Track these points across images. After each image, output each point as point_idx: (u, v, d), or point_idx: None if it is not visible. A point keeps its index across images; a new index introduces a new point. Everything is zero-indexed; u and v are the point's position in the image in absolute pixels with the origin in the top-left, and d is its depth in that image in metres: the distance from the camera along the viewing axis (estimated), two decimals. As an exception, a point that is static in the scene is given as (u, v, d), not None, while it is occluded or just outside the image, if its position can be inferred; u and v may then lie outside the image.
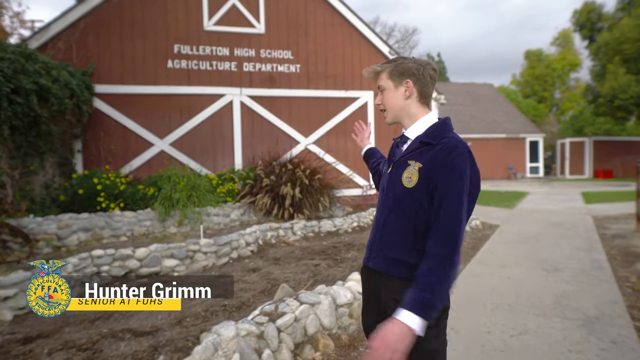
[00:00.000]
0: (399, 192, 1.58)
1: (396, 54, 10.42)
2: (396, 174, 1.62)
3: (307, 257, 5.61)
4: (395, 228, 1.59)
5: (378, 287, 1.64)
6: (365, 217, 8.02)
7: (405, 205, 1.56)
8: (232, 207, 7.97)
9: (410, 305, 1.39)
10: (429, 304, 1.39)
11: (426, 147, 1.57)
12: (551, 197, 13.25)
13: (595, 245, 6.62)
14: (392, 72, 1.66)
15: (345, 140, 10.18)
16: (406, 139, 1.68)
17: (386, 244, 1.62)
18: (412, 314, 1.37)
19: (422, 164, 1.54)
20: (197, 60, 9.22)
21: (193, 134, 9.22)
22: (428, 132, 1.62)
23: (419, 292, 1.40)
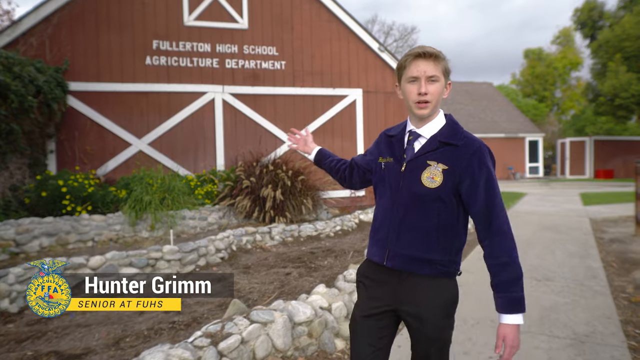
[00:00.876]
0: (418, 192, 1.58)
1: (386, 50, 10.04)
2: (412, 174, 1.60)
3: (279, 265, 5.23)
4: (415, 227, 1.60)
5: (395, 284, 1.64)
6: (349, 220, 7.64)
7: (426, 204, 1.58)
8: (210, 210, 7.60)
9: (510, 308, 1.55)
10: (520, 298, 1.56)
11: (447, 147, 1.58)
12: (549, 199, 12.85)
13: (591, 251, 6.22)
14: (446, 68, 1.62)
15: (332, 139, 9.81)
16: (418, 135, 1.65)
17: (406, 243, 1.61)
18: (515, 315, 1.55)
19: (446, 165, 1.56)
20: (177, 56, 8.86)
21: (173, 134, 8.85)
22: (444, 132, 1.62)
23: (509, 294, 1.56)
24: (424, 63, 1.57)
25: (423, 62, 1.57)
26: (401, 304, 1.63)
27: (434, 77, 1.57)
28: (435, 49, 1.60)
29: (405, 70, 1.61)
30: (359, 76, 9.98)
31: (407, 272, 1.62)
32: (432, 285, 1.60)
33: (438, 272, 1.61)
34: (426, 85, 1.57)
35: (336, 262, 5.36)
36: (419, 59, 1.57)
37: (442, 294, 1.61)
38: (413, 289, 1.61)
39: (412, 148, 1.66)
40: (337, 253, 5.84)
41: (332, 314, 3.46)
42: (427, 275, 1.60)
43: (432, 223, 1.58)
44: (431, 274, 1.60)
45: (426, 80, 1.57)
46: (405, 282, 1.62)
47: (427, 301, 1.59)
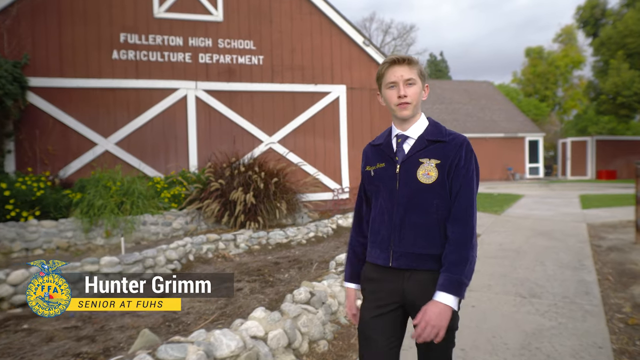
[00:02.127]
0: (415, 189, 1.65)
1: (371, 44, 9.48)
2: (407, 173, 1.67)
3: (235, 278, 4.68)
4: (416, 224, 1.64)
5: (400, 282, 1.68)
6: (326, 226, 7.08)
7: (425, 201, 1.64)
8: (176, 215, 7.06)
9: (444, 287, 1.56)
10: (459, 282, 1.56)
11: (436, 144, 1.67)
12: (546, 201, 12.25)
13: (586, 262, 5.64)
14: (422, 72, 1.71)
15: (314, 139, 9.25)
16: (406, 137, 1.73)
17: (409, 241, 1.65)
18: (447, 295, 1.55)
19: (439, 160, 1.64)
20: (147, 50, 8.32)
21: (142, 133, 8.32)
22: (430, 131, 1.72)
23: (449, 274, 1.56)
24: (399, 68, 1.66)
25: (398, 67, 1.67)
26: (408, 300, 1.67)
27: (410, 80, 1.66)
28: (408, 55, 1.70)
29: (384, 78, 1.71)
30: (342, 72, 9.42)
31: (411, 269, 1.66)
32: (436, 280, 1.61)
33: (442, 265, 1.63)
34: (404, 88, 1.65)
35: (298, 275, 4.81)
36: (395, 65, 1.67)
37: None
38: (419, 285, 1.65)
39: (402, 150, 1.72)
40: (303, 264, 5.28)
41: (268, 344, 2.91)
42: (431, 270, 1.64)
43: (432, 219, 1.63)
44: (435, 268, 1.63)
45: (404, 84, 1.66)
46: (410, 279, 1.66)
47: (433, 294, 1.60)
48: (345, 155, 9.43)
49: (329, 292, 3.73)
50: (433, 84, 28.74)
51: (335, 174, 9.41)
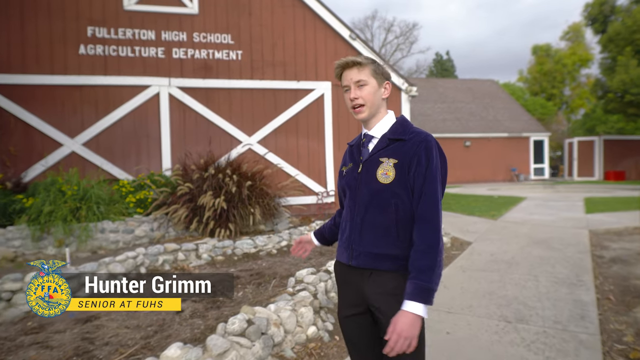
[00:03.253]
0: (375, 189, 1.65)
1: (358, 38, 8.90)
2: (368, 173, 1.68)
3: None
4: (375, 224, 1.65)
5: (361, 282, 1.69)
6: (301, 233, 6.51)
7: (384, 200, 1.64)
8: (140, 221, 6.53)
9: (413, 295, 1.52)
10: (428, 289, 1.52)
11: (396, 143, 1.67)
12: (548, 204, 11.59)
13: (584, 277, 5.03)
14: (376, 71, 1.70)
15: (297, 139, 8.69)
16: (371, 137, 1.75)
17: (368, 240, 1.66)
18: (416, 303, 1.51)
19: (396, 159, 1.64)
20: (116, 45, 7.81)
21: (112, 133, 7.80)
22: (394, 129, 1.71)
23: (417, 282, 1.53)
24: (348, 72, 1.69)
25: (347, 71, 1.69)
26: (369, 301, 1.66)
27: (361, 82, 1.67)
28: (357, 57, 1.69)
29: (341, 83, 1.73)
30: (327, 67, 8.85)
31: (370, 269, 1.66)
32: (393, 280, 1.62)
33: (399, 266, 1.62)
34: (355, 91, 1.68)
35: (254, 293, 4.25)
36: (345, 70, 1.70)
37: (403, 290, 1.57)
38: (376, 285, 1.64)
39: (366, 150, 1.75)
40: (265, 279, 4.72)
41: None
42: (389, 271, 1.63)
43: (391, 219, 1.63)
44: (392, 269, 1.63)
45: (355, 86, 1.68)
46: (369, 279, 1.66)
47: (392, 297, 1.60)
48: (330, 157, 8.86)
49: (274, 320, 3.17)
50: (435, 83, 28.08)
51: (320, 176, 8.84)
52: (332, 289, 4.21)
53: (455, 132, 23.45)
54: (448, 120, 24.43)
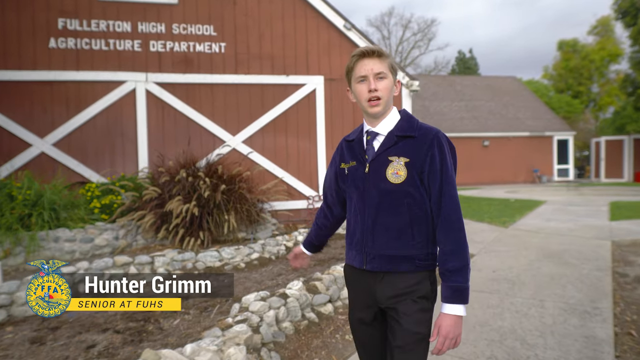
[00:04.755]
0: (385, 190, 1.59)
1: (353, 28, 8.15)
2: (377, 173, 1.61)
3: (100, 327, 3.48)
4: (388, 225, 1.60)
5: (372, 285, 1.66)
6: (279, 243, 5.82)
7: (395, 201, 1.59)
8: (102, 229, 5.95)
9: (451, 298, 1.54)
10: (463, 289, 1.54)
11: (405, 140, 1.61)
12: (568, 210, 10.57)
13: (602, 303, 4.17)
14: (393, 66, 1.64)
15: (286, 138, 8.00)
16: (376, 134, 1.67)
17: (382, 243, 1.61)
18: (456, 305, 1.54)
19: (407, 158, 1.58)
20: (89, 38, 7.27)
21: (84, 132, 7.27)
22: (401, 126, 1.64)
23: (452, 284, 1.54)
24: (369, 61, 1.59)
25: (368, 60, 1.59)
26: (382, 302, 1.64)
27: (381, 74, 1.59)
28: (378, 47, 1.62)
29: (353, 72, 1.63)
30: (319, 60, 8.13)
31: (384, 272, 1.62)
32: (410, 280, 1.60)
33: (416, 267, 1.60)
34: (375, 82, 1.59)
35: (192, 321, 3.58)
36: (364, 58, 1.59)
37: (419, 288, 1.60)
38: (392, 286, 1.61)
39: (372, 147, 1.66)
40: (216, 301, 4.05)
41: None
42: (407, 273, 1.60)
43: (404, 219, 1.59)
44: (408, 270, 1.60)
45: (374, 78, 1.59)
46: (383, 281, 1.63)
47: (405, 296, 1.59)
48: (322, 157, 8.14)
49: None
50: (452, 80, 27.01)
51: (312, 179, 8.12)
52: (286, 317, 3.50)
53: (473, 131, 22.37)
54: (465, 119, 23.36)
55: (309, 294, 3.93)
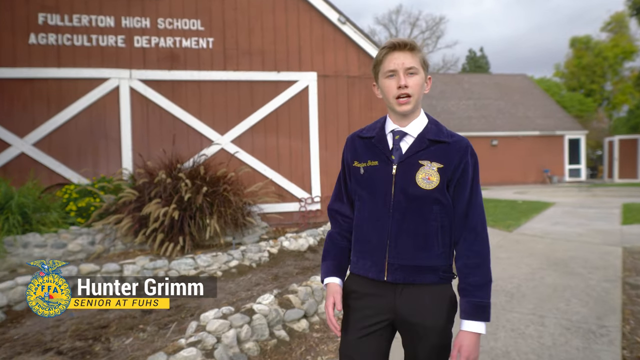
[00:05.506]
0: (414, 195, 1.49)
1: (348, 22, 7.75)
2: (406, 176, 1.50)
3: (43, 346, 3.15)
4: (415, 233, 1.49)
5: (391, 297, 1.52)
6: (263, 249, 5.45)
7: (424, 207, 1.49)
8: (76, 233, 5.64)
9: (473, 315, 1.45)
10: (486, 306, 1.46)
11: (438, 145, 1.52)
12: (578, 212, 10.06)
13: (609, 319, 3.73)
14: (425, 61, 1.53)
15: (277, 138, 7.64)
16: (404, 134, 1.55)
17: (407, 252, 1.50)
18: (478, 323, 1.45)
19: (441, 164, 1.49)
20: (71, 33, 6.98)
21: (66, 132, 6.98)
22: (431, 130, 1.55)
23: (474, 299, 1.45)
24: (400, 55, 1.47)
25: (399, 53, 1.47)
26: (401, 315, 1.51)
27: (412, 69, 1.48)
28: (410, 40, 1.49)
29: (382, 65, 1.52)
30: (312, 56, 7.75)
31: (406, 284, 1.51)
32: (434, 293, 1.51)
33: (440, 278, 1.51)
34: (405, 78, 1.47)
35: (146, 341, 3.22)
36: (395, 51, 1.48)
37: (444, 300, 1.52)
38: (415, 300, 1.50)
39: (399, 148, 1.54)
40: (181, 316, 3.70)
41: None
42: (426, 284, 1.50)
43: (432, 227, 1.50)
44: (432, 282, 1.50)
45: (405, 73, 1.47)
46: (403, 293, 1.51)
47: (431, 309, 1.50)
48: (316, 158, 7.76)
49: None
50: (460, 79, 26.44)
51: (304, 180, 7.75)
52: (250, 336, 3.13)
53: (481, 130, 21.81)
54: (473, 118, 22.80)
55: (281, 308, 3.55)
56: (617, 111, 37.56)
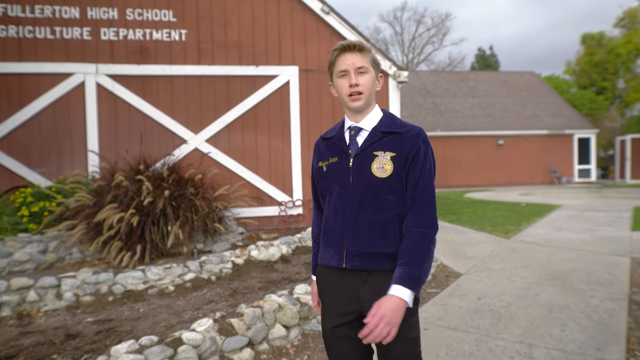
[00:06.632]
0: (370, 184, 1.57)
1: (332, 11, 7.20)
2: (361, 167, 1.58)
3: None
4: (371, 221, 1.57)
5: (355, 286, 1.59)
6: (223, 261, 4.92)
7: (380, 196, 1.56)
8: (26, 241, 5.17)
9: (401, 280, 1.45)
10: (417, 277, 1.46)
11: (391, 135, 1.60)
12: (585, 215, 9.39)
13: (610, 351, 3.13)
14: (375, 60, 1.63)
15: (255, 136, 7.11)
16: (359, 129, 1.65)
17: (364, 239, 1.57)
18: (404, 288, 1.44)
19: (394, 152, 1.56)
20: (33, 25, 6.52)
21: (27, 130, 6.53)
22: (385, 122, 1.64)
23: (407, 268, 1.47)
24: (350, 55, 1.57)
25: (350, 54, 1.58)
26: (364, 307, 1.56)
27: (362, 69, 1.58)
28: (359, 41, 1.60)
29: (335, 66, 1.61)
30: (294, 49, 7.21)
31: (368, 271, 1.57)
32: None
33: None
34: (356, 77, 1.57)
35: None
36: (346, 52, 1.58)
37: None
38: (377, 289, 1.53)
39: (355, 142, 1.63)
40: (105, 344, 3.18)
41: None
42: (388, 271, 1.54)
43: (388, 215, 1.56)
44: (392, 269, 1.54)
45: (355, 72, 1.57)
46: (367, 282, 1.57)
47: None
48: (297, 159, 7.22)
49: None
50: (465, 76, 25.73)
51: (285, 182, 7.21)
52: (171, 374, 2.60)
53: (487, 129, 21.10)
54: (479, 117, 22.09)
55: (220, 336, 3.03)
56: (629, 109, 36.48)
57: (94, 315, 3.79)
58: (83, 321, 3.65)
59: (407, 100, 22.77)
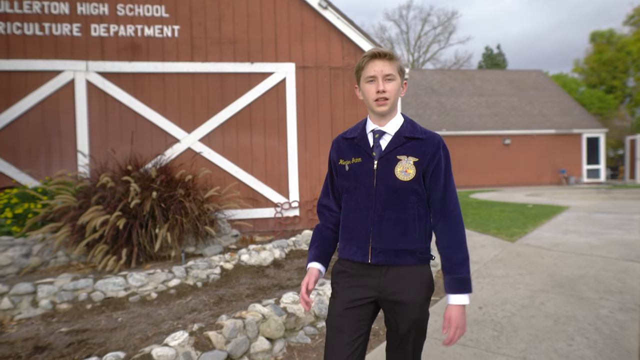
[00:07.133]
0: (393, 186, 1.67)
1: (330, 6, 6.95)
2: (386, 170, 1.68)
3: None
4: (395, 220, 1.67)
5: (377, 277, 1.70)
6: (211, 266, 4.69)
7: (403, 197, 1.67)
8: (8, 244, 4.97)
9: (457, 289, 1.66)
10: (467, 279, 1.67)
11: (412, 141, 1.70)
12: (594, 218, 9.07)
13: (622, 370, 2.86)
14: (402, 68, 1.72)
15: (250, 135, 6.89)
16: (383, 133, 1.73)
17: (388, 237, 1.68)
18: (462, 295, 1.66)
19: (417, 157, 1.67)
20: (21, 21, 6.34)
21: (15, 130, 6.35)
22: (407, 128, 1.73)
23: (457, 275, 1.66)
24: (380, 63, 1.65)
25: (379, 61, 1.66)
26: (384, 294, 1.70)
27: (390, 76, 1.65)
28: (389, 50, 1.68)
29: (363, 71, 1.70)
30: (291, 45, 6.98)
31: (389, 266, 1.69)
32: (414, 273, 1.69)
33: (418, 260, 1.70)
34: (384, 84, 1.65)
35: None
36: (375, 59, 1.66)
37: (423, 279, 1.70)
38: (397, 279, 1.68)
39: (379, 145, 1.72)
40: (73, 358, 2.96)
41: None
42: (407, 265, 1.68)
43: (410, 215, 1.67)
44: (412, 263, 1.69)
45: (383, 79, 1.65)
46: (388, 274, 1.69)
47: (411, 287, 1.68)
48: (294, 159, 6.99)
49: None
50: (472, 75, 25.35)
51: (281, 183, 6.98)
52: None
53: (493, 128, 20.73)
54: (485, 116, 21.73)
55: (196, 351, 2.80)
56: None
57: (69, 324, 3.58)
58: (56, 331, 3.44)
59: (412, 99, 22.45)
